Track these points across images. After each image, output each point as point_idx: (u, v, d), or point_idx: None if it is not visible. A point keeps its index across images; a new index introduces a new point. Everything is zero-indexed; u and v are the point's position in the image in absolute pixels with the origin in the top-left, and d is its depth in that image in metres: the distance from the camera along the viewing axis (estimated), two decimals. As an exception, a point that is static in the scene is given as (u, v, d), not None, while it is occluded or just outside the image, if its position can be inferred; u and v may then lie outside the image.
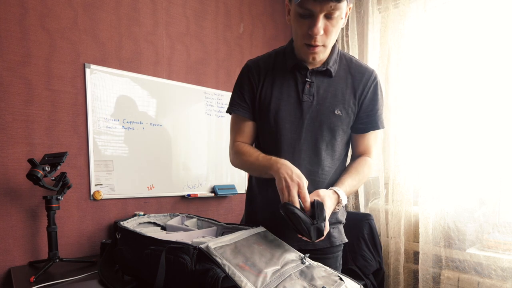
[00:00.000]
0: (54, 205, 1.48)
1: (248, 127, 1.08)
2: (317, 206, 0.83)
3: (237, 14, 2.31)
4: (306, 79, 1.00)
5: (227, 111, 1.11)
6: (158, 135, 1.98)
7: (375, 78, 1.03)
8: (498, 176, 1.67)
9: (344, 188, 0.96)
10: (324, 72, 1.01)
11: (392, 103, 2.05)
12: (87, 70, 1.72)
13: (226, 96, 2.25)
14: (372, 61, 2.26)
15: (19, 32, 1.54)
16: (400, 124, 2.01)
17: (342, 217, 1.11)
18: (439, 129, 1.84)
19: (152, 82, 1.95)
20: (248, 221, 1.16)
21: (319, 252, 1.04)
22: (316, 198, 0.87)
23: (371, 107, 1.03)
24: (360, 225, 1.89)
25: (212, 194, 2.18)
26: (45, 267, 1.41)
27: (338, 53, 1.04)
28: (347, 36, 2.30)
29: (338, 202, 0.94)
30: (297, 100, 1.01)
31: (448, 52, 1.83)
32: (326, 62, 1.01)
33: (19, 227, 1.57)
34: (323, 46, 0.93)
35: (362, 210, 2.22)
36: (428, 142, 1.87)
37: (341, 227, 1.12)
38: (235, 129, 1.09)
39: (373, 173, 2.26)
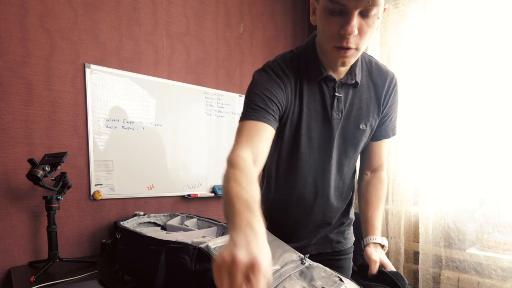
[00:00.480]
0: (54, 205, 1.48)
1: (266, 136, 0.80)
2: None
3: (237, 14, 2.31)
4: (336, 94, 0.88)
5: (245, 118, 0.80)
6: (158, 135, 1.98)
7: (396, 83, 0.94)
8: (498, 176, 1.67)
9: (379, 232, 0.96)
10: (353, 85, 0.89)
11: (392, 103, 2.05)
12: (87, 70, 1.72)
13: (226, 96, 2.25)
14: (372, 61, 2.26)
15: (19, 32, 1.54)
16: (400, 124, 2.01)
17: (353, 215, 1.12)
18: (439, 129, 1.84)
19: (152, 82, 1.95)
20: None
21: (337, 254, 1.06)
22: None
23: (390, 115, 0.95)
24: (360, 225, 1.89)
25: (212, 194, 2.18)
26: (45, 267, 1.41)
27: (360, 59, 0.90)
28: (347, 36, 2.30)
29: (383, 246, 0.94)
30: (325, 117, 0.89)
31: (448, 52, 1.83)
32: (353, 72, 0.87)
33: (19, 227, 1.57)
34: (356, 49, 0.78)
35: (362, 210, 2.22)
36: (428, 142, 1.87)
37: (352, 226, 1.14)
38: (244, 135, 0.78)
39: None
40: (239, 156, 0.70)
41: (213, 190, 2.20)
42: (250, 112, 0.80)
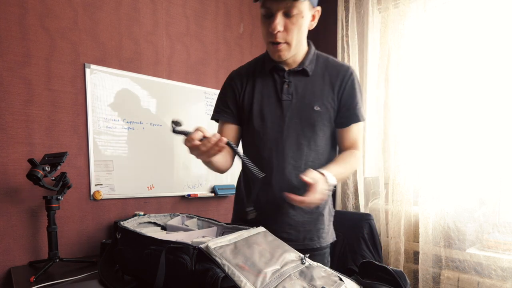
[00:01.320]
0: (54, 205, 1.48)
1: (230, 131, 1.13)
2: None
3: (237, 14, 2.31)
4: (284, 80, 1.06)
5: (212, 118, 1.16)
6: (158, 135, 1.98)
7: (352, 73, 1.08)
8: (498, 176, 1.66)
9: (330, 171, 0.96)
10: (301, 72, 1.06)
11: (392, 103, 2.05)
12: (87, 70, 1.72)
13: (226, 96, 2.25)
14: (372, 61, 2.26)
15: (19, 32, 1.54)
16: (400, 124, 2.01)
17: (329, 215, 1.16)
18: (439, 129, 1.84)
19: (152, 82, 1.95)
20: (236, 219, 1.21)
21: (309, 251, 1.05)
22: (309, 179, 0.89)
23: (350, 101, 1.07)
24: (360, 225, 1.89)
25: (212, 194, 2.18)
26: (45, 267, 1.41)
27: (314, 53, 1.09)
28: (347, 36, 2.30)
29: (327, 189, 0.94)
30: (277, 100, 1.07)
31: (448, 52, 1.83)
32: (302, 62, 1.06)
33: (19, 227, 1.57)
34: (286, 43, 0.98)
35: (362, 210, 2.22)
36: (428, 142, 1.87)
37: (331, 226, 1.17)
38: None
39: (373, 173, 2.27)
40: None
41: (213, 190, 2.20)
42: (218, 113, 1.14)
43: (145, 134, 1.93)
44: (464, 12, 1.80)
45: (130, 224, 1.21)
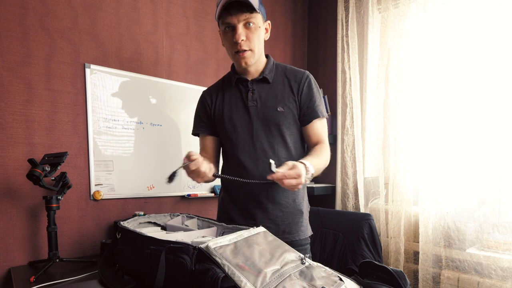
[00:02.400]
0: (54, 205, 1.48)
1: (209, 141, 1.31)
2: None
3: (237, 14, 2.31)
4: (248, 89, 1.21)
5: (192, 133, 1.35)
6: (158, 135, 1.98)
7: (308, 76, 1.22)
8: (498, 176, 1.67)
9: (311, 164, 1.05)
10: (262, 80, 1.21)
11: (392, 103, 2.05)
12: (87, 70, 1.72)
13: (226, 96, 2.25)
14: (372, 61, 2.27)
15: (19, 32, 1.54)
16: (400, 125, 2.01)
17: (306, 210, 1.29)
18: (439, 129, 1.84)
19: (152, 82, 1.95)
20: (221, 217, 1.33)
21: (289, 244, 1.09)
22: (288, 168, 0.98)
23: (309, 100, 1.20)
24: (360, 225, 1.89)
25: (212, 194, 2.18)
26: (45, 267, 1.41)
27: (273, 64, 1.25)
28: (347, 36, 2.30)
29: (306, 170, 1.02)
30: (244, 107, 1.21)
31: (448, 52, 1.83)
32: (263, 72, 1.21)
33: (19, 227, 1.57)
34: (250, 50, 1.14)
35: (362, 210, 2.22)
36: (428, 142, 1.87)
37: (307, 220, 1.29)
38: (200, 147, 1.33)
39: (373, 173, 2.27)
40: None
41: (213, 190, 2.20)
42: (195, 128, 1.34)
43: (145, 134, 1.93)
44: (464, 12, 1.80)
45: (130, 224, 1.21)
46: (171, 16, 2.02)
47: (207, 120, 1.30)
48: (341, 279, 0.80)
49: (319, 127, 1.23)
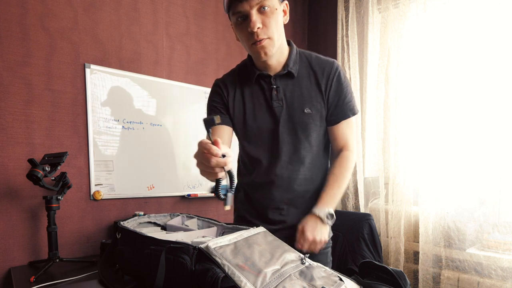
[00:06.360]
0: (54, 205, 1.48)
1: (226, 132, 1.10)
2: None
3: (237, 14, 2.31)
4: (272, 86, 1.06)
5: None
6: (158, 135, 1.98)
7: (337, 68, 1.06)
8: (498, 176, 1.67)
9: (324, 205, 1.02)
10: (286, 74, 1.05)
11: (392, 103, 2.05)
12: (87, 70, 1.72)
13: (226, 96, 2.25)
14: (372, 61, 2.27)
15: (19, 32, 1.54)
16: (400, 124, 2.01)
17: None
18: (439, 129, 1.84)
19: (152, 82, 1.95)
20: (238, 221, 1.23)
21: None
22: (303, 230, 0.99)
23: (337, 98, 1.06)
24: (360, 225, 1.89)
25: (212, 194, 2.18)
26: (45, 267, 1.41)
27: (296, 53, 1.08)
28: (347, 36, 2.30)
29: (323, 221, 1.00)
30: (268, 108, 1.07)
31: (448, 52, 1.83)
32: (286, 64, 1.05)
33: (19, 227, 1.57)
34: (269, 38, 0.96)
35: (362, 210, 2.22)
36: (428, 142, 1.87)
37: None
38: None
39: (373, 173, 2.27)
40: None
41: (213, 190, 2.20)
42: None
43: (145, 134, 1.93)
44: (464, 12, 1.80)
45: (130, 224, 1.21)
46: (171, 16, 2.02)
47: (223, 110, 1.12)
48: (341, 279, 0.80)
49: (346, 130, 1.10)
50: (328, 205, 1.03)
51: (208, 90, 2.18)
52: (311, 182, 1.10)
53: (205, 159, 0.73)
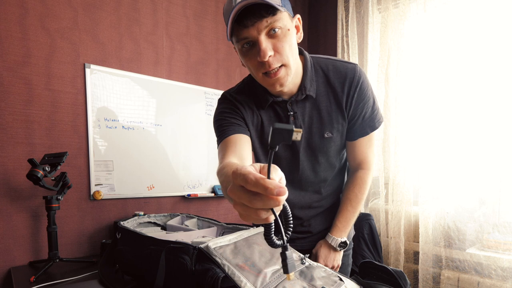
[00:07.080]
0: (54, 205, 1.48)
1: (247, 143, 0.91)
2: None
3: (237, 14, 2.31)
4: (289, 113, 0.93)
5: (220, 140, 0.92)
6: (158, 135, 1.98)
7: (359, 79, 0.91)
8: (498, 176, 1.67)
9: (337, 233, 1.02)
10: (304, 99, 0.92)
11: (392, 103, 2.05)
12: (87, 70, 1.72)
13: (226, 96, 2.25)
14: (372, 61, 2.26)
15: (19, 32, 1.54)
16: (400, 125, 2.01)
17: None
18: (439, 129, 1.84)
19: (152, 82, 1.95)
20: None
21: None
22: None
23: (359, 113, 0.94)
24: (360, 225, 1.89)
25: (212, 194, 2.18)
26: (45, 267, 1.41)
27: (311, 67, 0.92)
28: (347, 36, 2.30)
29: (335, 249, 1.02)
30: None
31: (448, 52, 1.83)
32: (304, 86, 0.90)
33: (19, 227, 1.57)
34: (284, 66, 0.81)
35: (362, 210, 2.21)
36: (428, 142, 1.87)
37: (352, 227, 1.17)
38: (229, 150, 0.85)
39: (373, 173, 2.26)
40: (227, 162, 0.74)
41: (213, 190, 2.20)
42: (222, 133, 0.90)
43: (145, 134, 1.93)
44: (464, 12, 1.80)
45: (130, 224, 1.21)
46: (171, 16, 2.02)
47: (242, 122, 0.94)
48: (341, 279, 0.80)
49: (365, 145, 1.01)
50: (341, 233, 1.02)
51: (208, 90, 2.19)
52: (334, 194, 1.08)
53: (258, 201, 0.40)
